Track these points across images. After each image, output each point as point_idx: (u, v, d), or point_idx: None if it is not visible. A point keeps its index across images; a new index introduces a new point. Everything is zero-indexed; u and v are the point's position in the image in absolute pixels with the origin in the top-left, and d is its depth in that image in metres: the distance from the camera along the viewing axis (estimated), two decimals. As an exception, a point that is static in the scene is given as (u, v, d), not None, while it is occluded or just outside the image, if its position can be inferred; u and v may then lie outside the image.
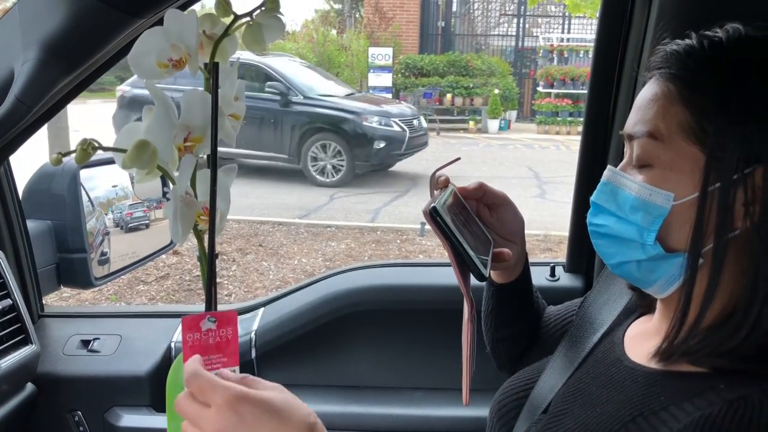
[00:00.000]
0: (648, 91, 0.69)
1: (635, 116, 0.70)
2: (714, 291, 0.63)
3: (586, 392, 0.73)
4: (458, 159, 0.94)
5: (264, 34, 0.61)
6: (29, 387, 1.27)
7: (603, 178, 0.73)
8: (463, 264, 0.72)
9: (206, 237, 0.61)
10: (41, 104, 0.99)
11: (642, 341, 0.76)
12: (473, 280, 0.74)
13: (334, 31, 16.32)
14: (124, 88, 9.24)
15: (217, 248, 0.59)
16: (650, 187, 0.66)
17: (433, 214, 0.71)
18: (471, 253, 0.72)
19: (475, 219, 0.85)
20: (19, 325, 1.21)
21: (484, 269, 0.73)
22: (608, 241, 0.71)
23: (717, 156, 0.62)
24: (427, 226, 0.75)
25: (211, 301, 0.62)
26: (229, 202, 0.63)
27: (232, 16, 0.60)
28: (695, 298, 0.64)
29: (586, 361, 0.80)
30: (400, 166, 9.51)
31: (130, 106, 8.86)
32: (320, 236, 5.99)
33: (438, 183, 0.83)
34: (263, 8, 0.60)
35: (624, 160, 0.72)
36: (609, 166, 0.73)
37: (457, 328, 0.74)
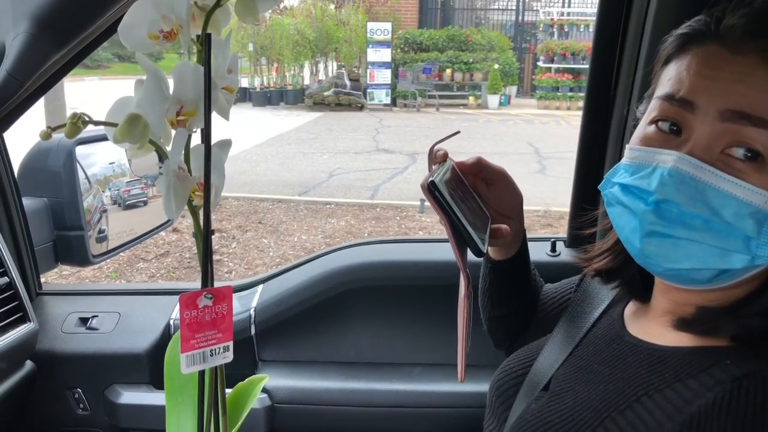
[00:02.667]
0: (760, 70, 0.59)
1: (736, 90, 0.59)
2: None
3: (588, 369, 0.73)
4: (458, 132, 0.93)
5: (257, 4, 0.59)
6: (28, 364, 1.27)
7: (673, 167, 0.60)
8: (461, 239, 0.71)
9: (201, 213, 0.60)
10: (34, 79, 0.97)
11: (642, 317, 0.75)
12: (470, 256, 0.73)
13: (332, 6, 16.14)
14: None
15: (217, 225, 0.58)
16: (765, 193, 0.58)
17: (431, 188, 0.69)
18: (469, 228, 0.71)
19: (473, 194, 0.83)
20: (16, 303, 1.20)
21: (482, 245, 0.72)
22: (677, 245, 0.61)
23: None
24: (427, 202, 0.74)
25: (207, 277, 0.62)
26: (224, 177, 0.62)
27: (224, -13, 0.59)
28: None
29: (586, 338, 0.80)
30: (398, 144, 9.46)
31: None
32: (320, 213, 5.98)
33: (436, 157, 0.81)
34: (256, -22, 0.59)
35: (692, 140, 0.61)
36: (682, 155, 0.60)
37: (456, 304, 0.74)
